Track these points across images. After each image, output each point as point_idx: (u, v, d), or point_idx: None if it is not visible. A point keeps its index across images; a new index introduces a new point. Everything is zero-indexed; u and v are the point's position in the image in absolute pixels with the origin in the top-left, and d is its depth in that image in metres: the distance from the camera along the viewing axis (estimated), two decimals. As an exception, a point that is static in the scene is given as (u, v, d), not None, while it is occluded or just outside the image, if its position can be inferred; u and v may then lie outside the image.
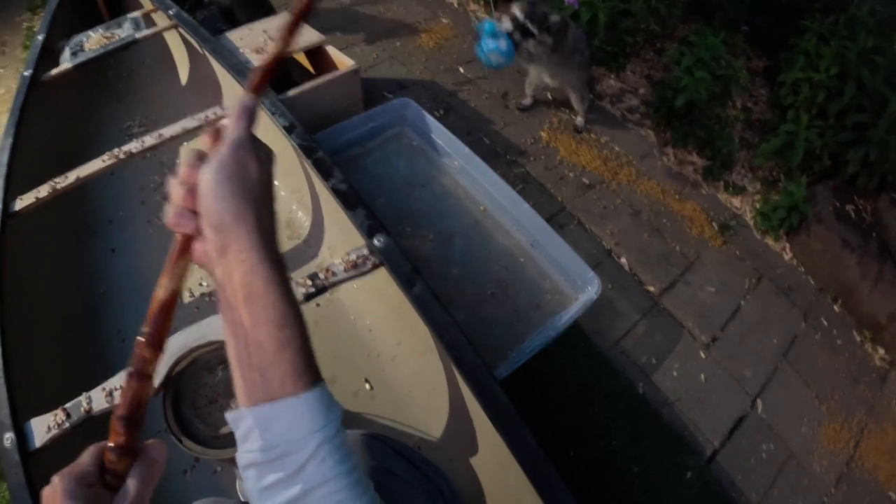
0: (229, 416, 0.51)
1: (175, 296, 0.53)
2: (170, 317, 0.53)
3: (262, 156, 0.54)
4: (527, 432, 1.13)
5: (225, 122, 0.55)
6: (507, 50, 2.25)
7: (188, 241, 0.53)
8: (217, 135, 0.54)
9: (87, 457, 0.52)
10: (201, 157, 0.52)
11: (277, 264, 0.50)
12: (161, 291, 0.52)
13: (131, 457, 0.51)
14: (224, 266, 0.50)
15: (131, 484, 0.51)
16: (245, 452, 0.49)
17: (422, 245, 1.92)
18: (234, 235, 0.49)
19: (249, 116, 0.55)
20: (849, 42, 2.65)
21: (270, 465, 0.48)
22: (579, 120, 2.78)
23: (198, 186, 0.50)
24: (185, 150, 2.22)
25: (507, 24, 2.27)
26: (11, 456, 1.13)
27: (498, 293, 1.81)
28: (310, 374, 0.49)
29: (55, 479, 0.50)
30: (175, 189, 0.52)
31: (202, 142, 0.55)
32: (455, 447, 1.45)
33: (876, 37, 2.62)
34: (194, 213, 0.51)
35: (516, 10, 2.27)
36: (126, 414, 0.51)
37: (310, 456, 0.48)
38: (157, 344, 0.52)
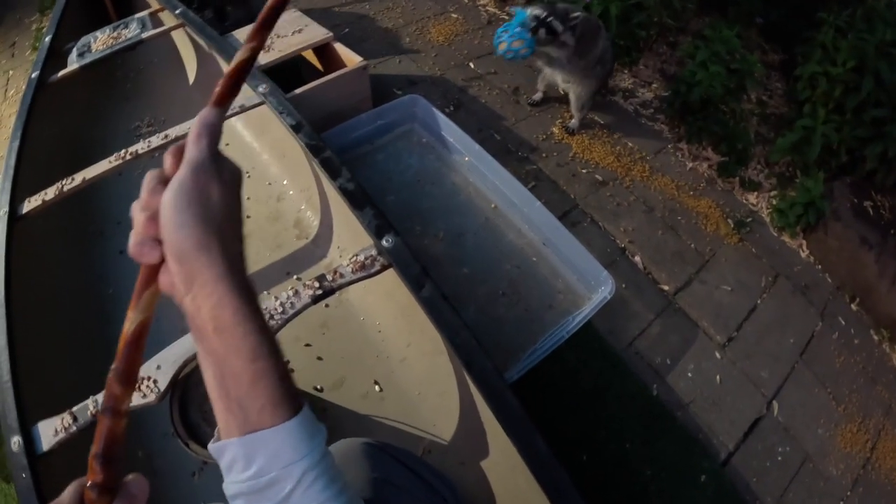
0: (212, 446, 0.50)
1: (143, 328, 0.51)
2: (140, 350, 0.51)
3: (226, 176, 0.51)
4: (538, 436, 1.10)
5: (187, 138, 0.52)
6: (530, 41, 2.22)
7: (153, 270, 0.51)
8: (178, 155, 0.52)
9: (67, 495, 0.50)
10: (162, 181, 0.50)
11: (246, 294, 0.48)
12: (128, 324, 0.50)
13: (111, 494, 0.49)
14: (191, 297, 0.48)
15: None
16: (231, 483, 0.49)
17: (432, 243, 1.90)
18: (199, 266, 0.47)
19: (210, 133, 0.52)
20: (867, 35, 2.59)
21: (257, 496, 0.47)
22: (573, 122, 2.73)
23: (160, 213, 0.48)
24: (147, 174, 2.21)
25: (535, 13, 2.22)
26: (19, 459, 1.14)
27: (509, 293, 1.79)
28: (288, 402, 0.48)
29: None
30: (136, 215, 0.50)
31: (165, 161, 0.52)
32: (465, 450, 1.44)
33: (894, 29, 2.57)
34: (158, 241, 0.49)
35: (535, 10, 2.24)
36: (102, 452, 0.49)
37: (296, 484, 0.47)
38: (128, 380, 0.50)
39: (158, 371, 1.23)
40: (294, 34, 2.27)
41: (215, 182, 0.50)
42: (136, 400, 1.20)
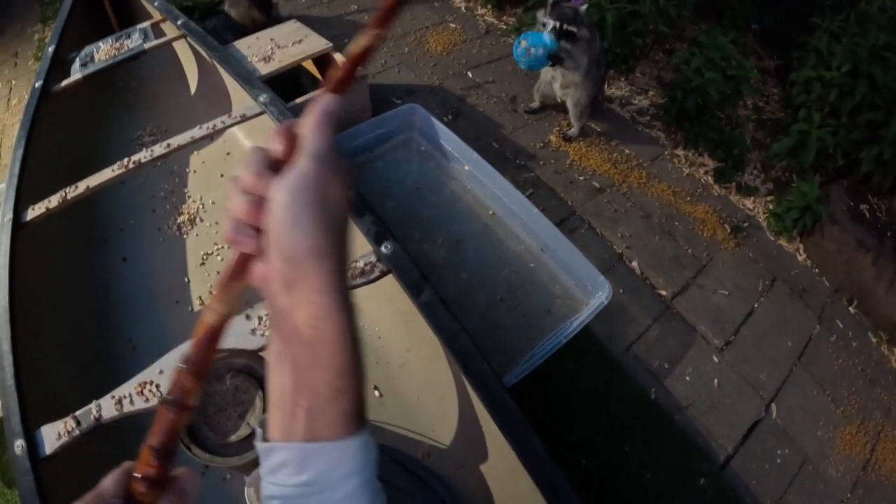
0: (262, 446, 0.47)
1: (225, 321, 0.46)
2: (216, 344, 0.47)
3: (344, 177, 0.46)
4: (536, 440, 1.12)
5: (301, 126, 0.46)
6: (551, 46, 2.29)
7: (247, 260, 0.46)
8: (290, 140, 0.46)
9: (111, 485, 0.47)
10: (272, 166, 0.45)
11: (349, 309, 0.45)
12: (210, 315, 0.46)
13: (161, 489, 0.47)
14: (288, 300, 0.44)
15: None
16: (274, 484, 0.46)
17: (431, 250, 1.92)
18: (309, 272, 0.43)
19: (332, 123, 0.46)
20: (860, 39, 2.62)
21: (301, 501, 0.45)
22: (572, 131, 2.76)
23: (269, 203, 0.43)
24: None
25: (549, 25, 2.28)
26: (22, 463, 1.14)
27: (508, 298, 1.80)
28: (359, 419, 0.46)
29: None
30: (237, 198, 0.45)
31: (271, 143, 0.46)
32: (465, 455, 1.44)
33: (888, 33, 2.59)
34: (257, 229, 0.44)
35: (545, 18, 2.28)
36: (160, 445, 0.45)
37: (343, 497, 0.45)
38: (200, 373, 0.46)
39: (161, 376, 1.24)
40: (294, 45, 2.30)
41: (336, 181, 0.44)
42: (139, 404, 1.21)
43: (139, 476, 0.46)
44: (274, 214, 0.43)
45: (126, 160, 1.71)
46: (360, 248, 1.45)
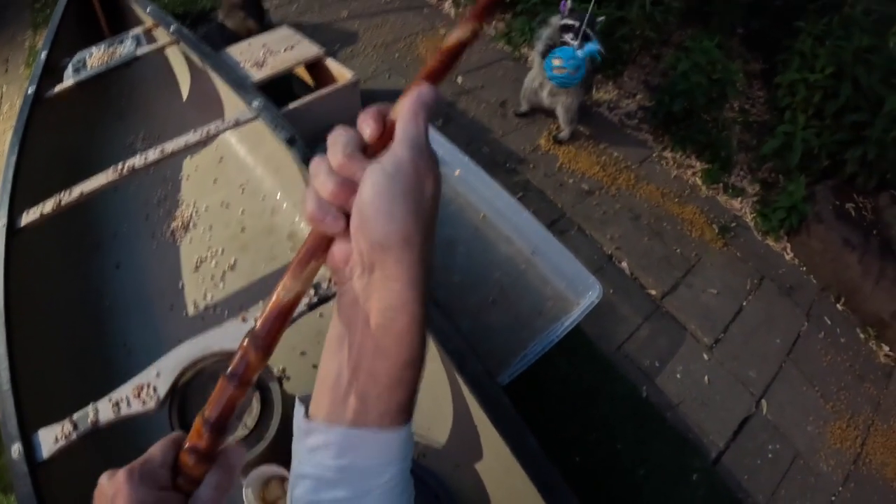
0: (304, 424, 0.46)
1: (298, 300, 0.45)
2: (286, 322, 0.46)
3: (437, 170, 0.44)
4: (530, 438, 1.13)
5: (395, 112, 0.44)
6: (581, 72, 2.37)
7: (327, 241, 0.45)
8: (381, 122, 0.44)
9: (159, 453, 0.47)
10: (364, 149, 0.43)
11: (427, 302, 0.43)
12: (283, 293, 0.44)
13: (209, 462, 0.46)
14: (365, 284, 0.43)
15: (206, 493, 0.46)
16: (311, 465, 0.45)
17: (423, 253, 1.93)
18: (395, 260, 0.41)
19: (429, 113, 0.44)
20: (844, 42, 2.67)
21: (337, 482, 0.44)
22: (563, 134, 2.79)
23: (360, 187, 0.41)
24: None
25: (593, 47, 2.34)
26: (20, 467, 1.14)
27: (500, 300, 1.82)
28: (410, 411, 0.46)
29: (120, 474, 0.45)
30: (323, 177, 0.43)
31: (361, 125, 0.45)
32: (460, 453, 1.46)
33: (871, 36, 2.64)
34: (344, 212, 0.43)
35: (563, 21, 2.32)
36: (216, 419, 0.45)
37: (382, 484, 0.45)
38: (267, 349, 0.45)
39: (158, 378, 1.25)
40: (286, 51, 2.32)
41: (431, 173, 0.43)
42: (136, 407, 1.22)
43: (189, 447, 0.46)
44: (366, 198, 0.41)
45: (119, 166, 1.72)
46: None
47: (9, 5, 3.79)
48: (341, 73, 2.32)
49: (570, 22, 2.34)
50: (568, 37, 2.38)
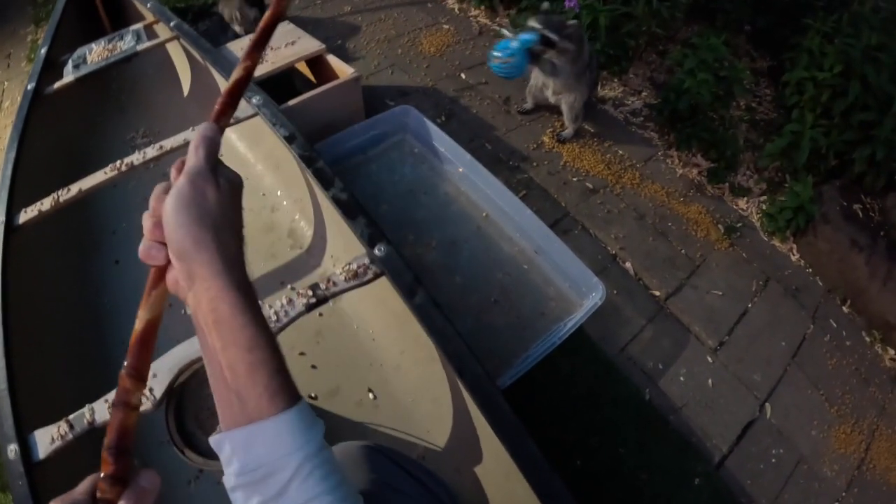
0: (213, 439, 0.51)
1: (152, 326, 0.55)
2: (149, 348, 0.55)
3: (223, 182, 0.55)
4: (530, 442, 1.12)
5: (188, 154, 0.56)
6: (520, 61, 2.28)
7: (161, 272, 0.55)
8: (181, 167, 0.56)
9: (82, 486, 0.52)
10: (167, 190, 0.54)
11: (244, 289, 0.51)
12: (138, 323, 0.54)
13: (122, 485, 0.51)
14: (193, 293, 0.51)
15: None
16: (230, 476, 0.50)
17: (425, 252, 1.92)
18: (197, 262, 0.50)
19: (207, 145, 0.56)
20: (853, 40, 2.63)
21: (254, 487, 0.48)
22: (567, 132, 2.76)
23: (163, 218, 0.52)
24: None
25: (528, 36, 2.27)
26: (16, 467, 1.15)
27: (502, 300, 1.81)
28: (285, 394, 0.50)
29: None
30: (145, 222, 0.54)
31: (172, 171, 0.57)
32: (460, 457, 1.44)
33: (880, 34, 2.60)
34: (163, 244, 0.53)
35: (534, 23, 2.28)
36: (113, 444, 0.51)
37: (292, 475, 0.48)
38: (138, 375, 0.54)
39: (154, 379, 1.24)
40: (287, 46, 2.30)
41: (211, 186, 0.53)
42: (132, 408, 1.21)
43: (103, 475, 0.51)
44: (164, 222, 0.52)
45: (119, 162, 1.71)
46: (354, 250, 1.45)
47: (11, 1, 3.78)
48: (342, 69, 2.30)
49: (535, 24, 2.30)
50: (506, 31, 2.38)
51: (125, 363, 0.53)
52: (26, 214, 1.62)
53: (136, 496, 0.51)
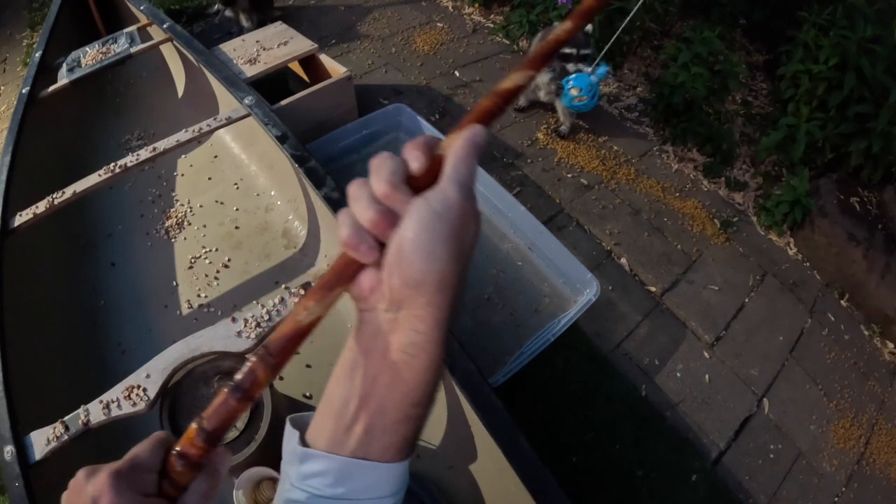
0: (299, 450, 0.46)
1: (316, 324, 0.44)
2: (300, 343, 0.44)
3: (479, 215, 0.44)
4: (523, 440, 1.12)
5: (443, 148, 0.43)
6: (593, 95, 2.38)
7: (357, 268, 0.43)
8: (429, 154, 0.42)
9: (146, 455, 0.46)
10: (409, 181, 0.42)
11: (446, 346, 0.43)
12: (303, 315, 0.43)
13: (197, 469, 0.46)
14: (391, 319, 0.42)
15: (192, 500, 0.46)
16: (304, 489, 0.45)
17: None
18: (426, 301, 0.40)
19: (478, 156, 0.43)
20: (848, 32, 2.62)
21: None
22: (564, 127, 2.76)
23: (404, 221, 0.40)
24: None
25: (602, 69, 2.35)
26: (12, 468, 1.15)
27: (496, 297, 1.81)
28: (412, 447, 0.45)
29: (103, 477, 0.44)
30: (364, 203, 0.41)
31: (407, 155, 0.43)
32: (454, 455, 1.45)
33: (875, 26, 2.59)
34: (379, 241, 0.41)
35: (581, 52, 2.38)
36: (213, 429, 0.44)
37: None
38: (277, 367, 0.44)
39: (148, 380, 1.24)
40: (280, 46, 2.30)
41: (476, 217, 0.42)
42: (126, 409, 1.21)
43: (179, 452, 0.45)
44: (408, 235, 0.40)
45: (113, 165, 1.72)
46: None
47: (6, 5, 3.79)
48: (335, 68, 2.30)
49: (568, 51, 2.32)
50: (569, 66, 2.39)
51: (263, 349, 0.43)
52: (22, 217, 1.63)
53: (211, 484, 0.47)
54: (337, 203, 1.47)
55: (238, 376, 0.43)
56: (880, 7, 2.77)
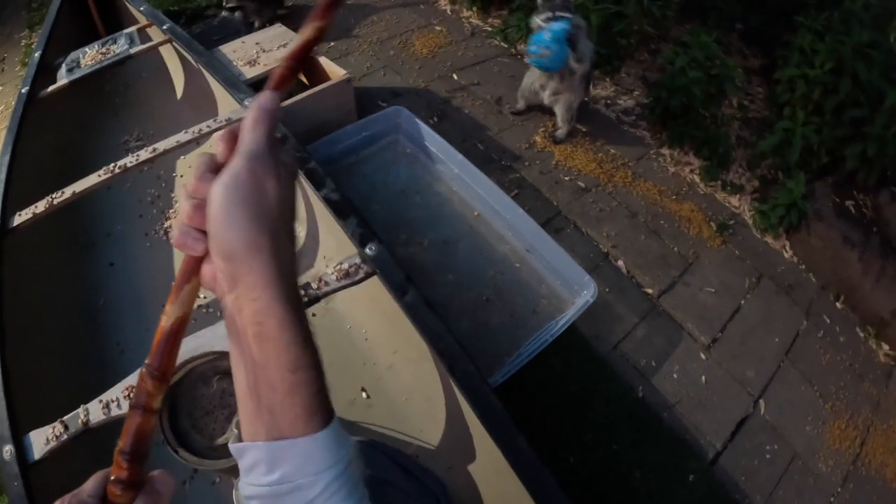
0: (234, 447, 0.47)
1: (182, 324, 0.47)
2: (176, 347, 0.48)
3: (283, 172, 0.45)
4: (521, 440, 1.12)
5: (241, 126, 0.46)
6: (557, 52, 2.32)
7: (196, 263, 0.47)
8: (231, 140, 0.46)
9: (90, 486, 0.48)
10: (213, 168, 0.45)
11: (293, 302, 0.45)
12: (165, 319, 0.47)
13: (135, 490, 0.48)
14: (234, 297, 0.44)
15: None
16: (250, 485, 0.46)
17: (418, 252, 1.92)
18: (247, 268, 0.43)
19: (269, 120, 0.45)
20: (844, 37, 2.64)
21: (277, 500, 0.45)
22: (560, 132, 2.76)
23: (207, 204, 0.43)
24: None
25: (558, 24, 2.30)
26: (11, 468, 1.15)
27: (494, 299, 1.81)
28: (323, 413, 0.46)
29: None
30: (183, 202, 0.45)
31: (214, 147, 0.47)
32: (453, 455, 1.45)
33: (871, 31, 2.62)
34: (204, 232, 0.45)
35: (544, 13, 2.32)
36: (129, 448, 0.47)
37: (319, 492, 0.45)
38: (161, 377, 0.48)
39: (146, 380, 1.24)
40: (279, 48, 2.31)
41: (272, 177, 0.44)
42: (126, 409, 1.21)
43: (114, 479, 0.47)
44: (210, 213, 0.43)
45: (112, 165, 1.72)
46: (345, 249, 1.45)
47: (5, 5, 3.80)
48: (334, 70, 2.31)
49: (546, 15, 2.32)
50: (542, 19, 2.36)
51: (146, 363, 0.47)
52: (21, 217, 1.63)
53: (153, 498, 0.49)
54: (336, 204, 1.48)
55: (134, 395, 0.47)
56: (876, 12, 2.79)
